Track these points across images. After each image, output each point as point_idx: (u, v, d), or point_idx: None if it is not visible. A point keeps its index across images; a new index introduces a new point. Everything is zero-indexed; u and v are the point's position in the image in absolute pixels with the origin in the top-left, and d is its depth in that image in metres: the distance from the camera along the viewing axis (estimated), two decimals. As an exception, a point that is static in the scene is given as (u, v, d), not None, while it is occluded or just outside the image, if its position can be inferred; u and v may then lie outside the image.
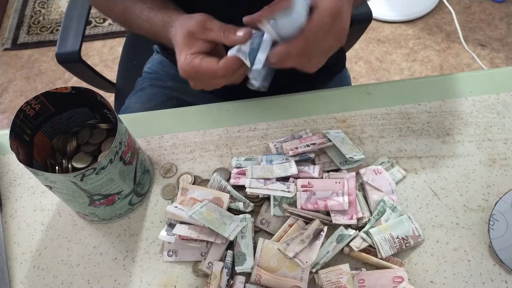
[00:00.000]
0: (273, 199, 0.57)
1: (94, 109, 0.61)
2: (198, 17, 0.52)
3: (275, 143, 0.64)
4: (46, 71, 1.88)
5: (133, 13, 0.60)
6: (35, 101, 0.55)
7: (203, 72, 0.50)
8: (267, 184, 0.57)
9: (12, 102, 1.80)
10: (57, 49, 0.91)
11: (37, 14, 2.07)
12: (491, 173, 0.61)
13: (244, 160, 0.62)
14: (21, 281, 0.57)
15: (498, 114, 0.66)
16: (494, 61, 1.72)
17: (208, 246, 0.56)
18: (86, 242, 0.59)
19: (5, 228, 0.61)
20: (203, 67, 0.50)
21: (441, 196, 0.60)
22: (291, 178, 0.59)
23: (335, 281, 0.51)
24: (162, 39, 0.58)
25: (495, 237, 0.54)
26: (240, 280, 0.53)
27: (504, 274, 0.54)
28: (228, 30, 0.51)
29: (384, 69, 1.75)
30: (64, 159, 0.60)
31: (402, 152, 0.63)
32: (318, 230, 0.54)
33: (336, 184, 0.57)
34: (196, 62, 0.50)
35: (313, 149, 0.61)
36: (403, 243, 0.54)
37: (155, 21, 0.58)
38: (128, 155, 0.55)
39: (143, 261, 0.57)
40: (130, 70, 1.07)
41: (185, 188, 0.59)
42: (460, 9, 1.88)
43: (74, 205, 0.57)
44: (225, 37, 0.50)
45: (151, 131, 0.68)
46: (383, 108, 0.68)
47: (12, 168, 0.66)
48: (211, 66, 0.50)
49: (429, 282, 0.54)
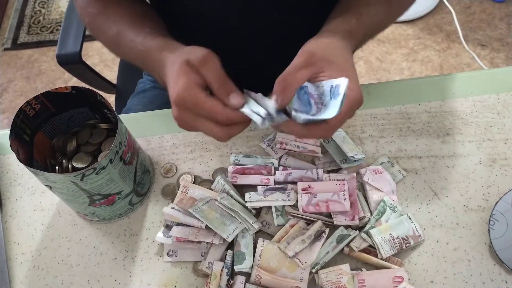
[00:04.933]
0: (274, 209, 0.57)
1: (94, 109, 0.61)
2: (202, 51, 0.47)
3: (266, 142, 0.65)
4: (46, 71, 1.88)
5: (127, 36, 0.57)
6: (35, 101, 0.55)
7: (203, 108, 0.45)
8: (266, 195, 0.57)
9: (12, 102, 1.80)
10: (57, 50, 0.91)
11: (37, 14, 2.07)
12: (491, 173, 0.61)
13: (242, 157, 0.62)
14: (21, 281, 0.57)
15: (498, 114, 0.66)
16: (494, 61, 1.72)
17: (208, 246, 0.56)
18: (86, 242, 0.59)
19: (5, 228, 0.61)
20: (207, 103, 0.45)
21: (441, 196, 0.60)
22: (290, 184, 0.59)
23: (335, 281, 0.51)
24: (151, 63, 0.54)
25: (495, 237, 0.54)
26: (240, 280, 0.53)
27: (504, 274, 0.54)
28: (224, 87, 0.47)
29: (384, 69, 1.75)
30: (64, 159, 0.60)
31: (402, 152, 0.63)
32: (319, 231, 0.54)
33: (336, 186, 0.57)
34: (200, 95, 0.45)
35: (301, 152, 0.61)
36: (403, 243, 0.54)
37: (149, 44, 0.54)
38: (128, 155, 0.55)
39: (143, 261, 0.57)
40: (130, 72, 1.07)
41: (186, 186, 0.60)
42: (460, 9, 1.88)
43: (74, 205, 0.57)
44: (218, 93, 0.46)
45: (151, 131, 0.68)
46: (383, 108, 0.68)
47: (12, 168, 0.66)
48: (216, 106, 0.45)
49: (429, 282, 0.54)
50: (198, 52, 0.47)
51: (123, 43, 0.58)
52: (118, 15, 0.60)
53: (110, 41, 0.61)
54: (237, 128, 0.47)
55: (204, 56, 0.47)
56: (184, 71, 0.47)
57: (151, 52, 0.53)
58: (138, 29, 0.57)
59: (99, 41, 0.64)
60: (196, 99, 0.45)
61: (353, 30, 0.54)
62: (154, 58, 0.53)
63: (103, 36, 0.62)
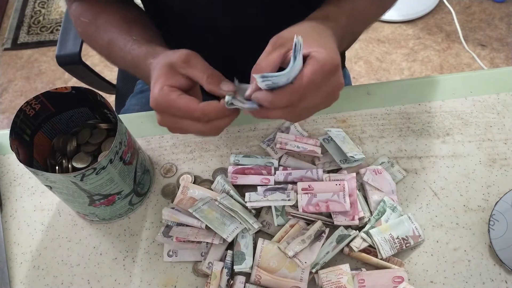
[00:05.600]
0: (274, 209, 0.57)
1: (94, 109, 0.61)
2: (183, 51, 0.47)
3: (266, 143, 0.65)
4: (46, 71, 1.88)
5: (117, 45, 0.57)
6: (35, 101, 0.55)
7: (178, 108, 0.45)
8: (266, 195, 0.57)
9: (12, 102, 1.80)
10: (57, 51, 0.91)
11: (37, 14, 2.07)
12: (491, 173, 0.61)
13: (242, 157, 0.62)
14: (21, 281, 0.57)
15: (498, 114, 0.66)
16: (494, 61, 1.72)
17: (208, 246, 0.56)
18: (86, 242, 0.59)
19: (5, 228, 0.61)
20: (180, 103, 0.45)
21: (441, 196, 0.60)
22: (290, 184, 0.59)
23: (335, 281, 0.51)
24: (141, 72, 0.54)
25: (495, 237, 0.54)
26: (240, 280, 0.53)
27: (504, 274, 0.54)
28: (213, 76, 0.46)
29: (384, 69, 1.75)
30: (64, 159, 0.60)
31: (402, 152, 0.63)
32: (319, 231, 0.54)
33: (336, 186, 0.57)
34: (173, 96, 0.45)
35: (300, 152, 0.61)
36: (403, 243, 0.54)
37: (136, 53, 0.54)
38: (128, 155, 0.55)
39: (143, 261, 0.57)
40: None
41: (186, 186, 0.60)
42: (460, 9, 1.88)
43: (74, 205, 0.57)
44: (208, 82, 0.46)
45: (151, 131, 0.68)
46: (383, 108, 0.68)
47: (12, 168, 0.66)
48: (189, 104, 0.45)
49: (429, 282, 0.54)
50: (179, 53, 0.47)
51: (114, 52, 0.58)
52: (109, 23, 0.60)
53: (104, 51, 0.61)
54: (223, 121, 0.47)
55: (186, 55, 0.47)
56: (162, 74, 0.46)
57: (139, 60, 0.53)
58: (127, 37, 0.56)
59: (94, 50, 0.64)
60: (168, 101, 0.45)
61: (331, 15, 0.52)
62: (142, 67, 0.53)
63: (96, 45, 0.62)
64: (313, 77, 0.42)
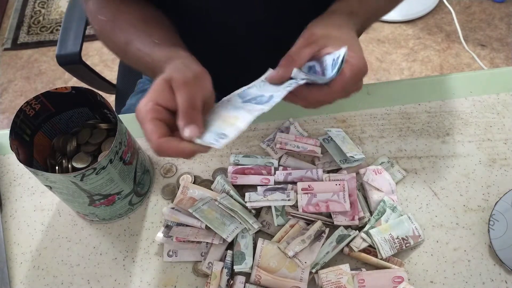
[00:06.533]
0: (274, 209, 0.57)
1: (94, 109, 0.61)
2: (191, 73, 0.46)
3: (266, 143, 0.65)
4: (46, 71, 1.88)
5: (135, 45, 0.56)
6: (35, 101, 0.55)
7: (144, 130, 0.44)
8: (266, 195, 0.57)
9: (12, 102, 1.80)
10: (57, 51, 0.91)
11: (37, 14, 2.07)
12: (491, 173, 0.61)
13: (242, 157, 0.63)
14: (21, 281, 0.57)
15: (498, 114, 0.66)
16: (494, 61, 1.72)
17: (208, 246, 0.56)
18: (86, 242, 0.59)
19: (5, 228, 0.61)
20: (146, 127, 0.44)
21: (441, 196, 0.60)
22: (289, 184, 0.59)
23: (335, 281, 0.51)
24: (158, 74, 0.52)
25: (495, 237, 0.54)
26: (240, 280, 0.53)
27: (504, 274, 0.54)
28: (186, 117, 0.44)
29: (384, 69, 1.75)
30: (64, 159, 0.60)
31: (402, 152, 0.63)
32: (319, 231, 0.54)
33: (336, 186, 0.57)
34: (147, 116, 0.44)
35: (300, 152, 0.61)
36: (403, 243, 0.54)
37: (157, 55, 0.53)
38: (128, 155, 0.55)
39: (143, 261, 0.57)
40: (130, 71, 1.07)
41: (186, 186, 0.60)
42: (460, 9, 1.88)
43: (74, 205, 0.57)
44: (180, 117, 0.44)
45: (151, 131, 0.68)
46: (383, 108, 0.68)
47: (12, 168, 0.66)
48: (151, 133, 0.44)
49: (429, 282, 0.54)
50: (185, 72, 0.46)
51: (131, 53, 0.57)
52: (127, 23, 0.59)
53: (119, 49, 0.60)
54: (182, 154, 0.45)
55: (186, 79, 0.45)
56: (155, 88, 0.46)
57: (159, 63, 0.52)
58: (146, 38, 0.56)
59: (109, 49, 0.63)
60: (142, 118, 0.44)
61: (354, 11, 0.55)
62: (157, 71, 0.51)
63: (112, 44, 0.61)
64: (348, 82, 0.47)
